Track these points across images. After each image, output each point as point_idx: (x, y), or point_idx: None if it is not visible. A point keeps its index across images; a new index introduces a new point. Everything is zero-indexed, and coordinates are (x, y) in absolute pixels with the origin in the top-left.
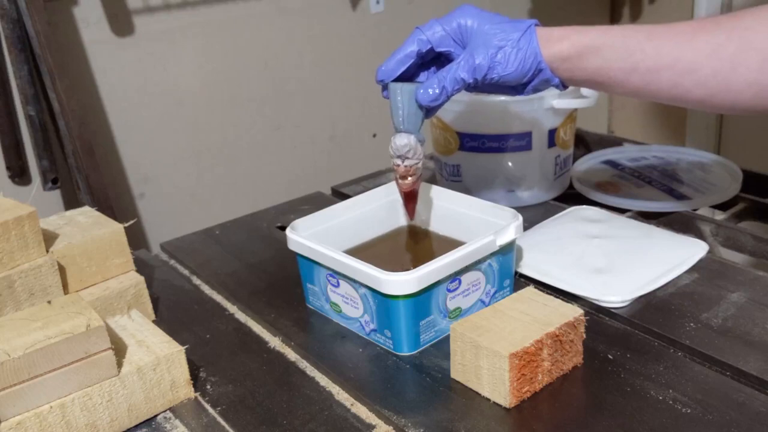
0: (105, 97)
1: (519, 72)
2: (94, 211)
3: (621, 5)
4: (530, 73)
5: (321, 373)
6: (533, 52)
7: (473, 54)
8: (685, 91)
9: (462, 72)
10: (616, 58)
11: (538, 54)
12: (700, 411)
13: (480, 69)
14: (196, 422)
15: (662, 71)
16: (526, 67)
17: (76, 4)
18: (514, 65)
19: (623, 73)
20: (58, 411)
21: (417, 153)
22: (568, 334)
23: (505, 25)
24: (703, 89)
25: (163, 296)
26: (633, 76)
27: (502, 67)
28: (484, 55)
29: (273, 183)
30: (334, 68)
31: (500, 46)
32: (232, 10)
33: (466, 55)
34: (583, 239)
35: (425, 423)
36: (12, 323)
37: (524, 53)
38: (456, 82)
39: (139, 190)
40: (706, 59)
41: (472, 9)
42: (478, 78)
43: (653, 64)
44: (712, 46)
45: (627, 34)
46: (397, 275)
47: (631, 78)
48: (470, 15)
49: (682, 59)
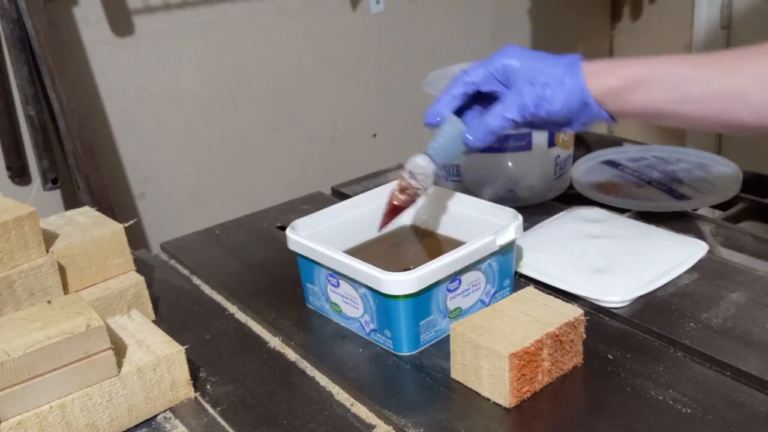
0: (105, 97)
1: (566, 108)
2: (94, 211)
3: (621, 5)
4: (577, 109)
5: (321, 373)
6: (579, 88)
7: (520, 93)
8: (738, 119)
9: (509, 112)
10: (665, 90)
11: (584, 89)
12: (700, 411)
13: (527, 107)
14: (196, 422)
15: (713, 100)
16: (573, 102)
17: (76, 4)
18: (560, 102)
19: (674, 105)
20: (58, 411)
21: (426, 181)
22: (568, 334)
23: (550, 62)
24: (755, 116)
25: (163, 296)
26: (685, 106)
27: (548, 104)
28: (530, 93)
29: (273, 183)
30: (334, 68)
31: (545, 83)
32: (232, 10)
33: (512, 95)
34: (583, 239)
35: (425, 423)
36: (12, 323)
37: (570, 89)
38: (504, 121)
39: (139, 190)
40: (754, 87)
41: (516, 49)
42: (525, 116)
43: (703, 93)
44: (760, 73)
45: (672, 64)
46: (397, 275)
47: (683, 109)
48: (514, 55)
49: (731, 87)
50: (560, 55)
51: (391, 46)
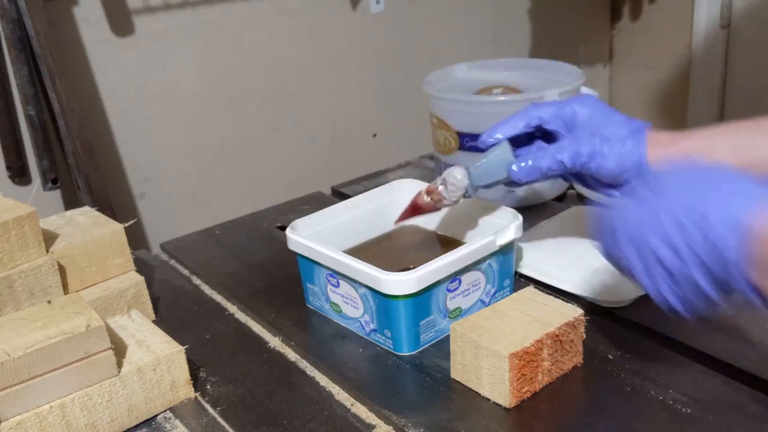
0: (105, 97)
1: (618, 168)
2: (94, 211)
3: (621, 5)
4: (629, 173)
5: (321, 373)
6: (638, 153)
7: (579, 140)
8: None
9: (562, 155)
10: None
11: (642, 156)
12: (700, 411)
13: (580, 156)
14: (196, 422)
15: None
16: (627, 165)
17: (76, 4)
18: (614, 161)
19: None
20: (58, 411)
21: (454, 193)
22: (568, 334)
23: (618, 119)
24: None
25: (163, 296)
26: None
27: (602, 159)
28: (589, 143)
29: (273, 183)
30: (334, 68)
31: (607, 138)
32: (232, 10)
33: (571, 140)
34: (583, 239)
35: (425, 423)
36: (12, 323)
37: (628, 151)
38: (554, 163)
39: (139, 190)
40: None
41: (594, 101)
42: (576, 164)
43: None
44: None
45: (734, 131)
46: (397, 275)
47: None
48: (588, 105)
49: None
50: (631, 119)
51: (391, 46)
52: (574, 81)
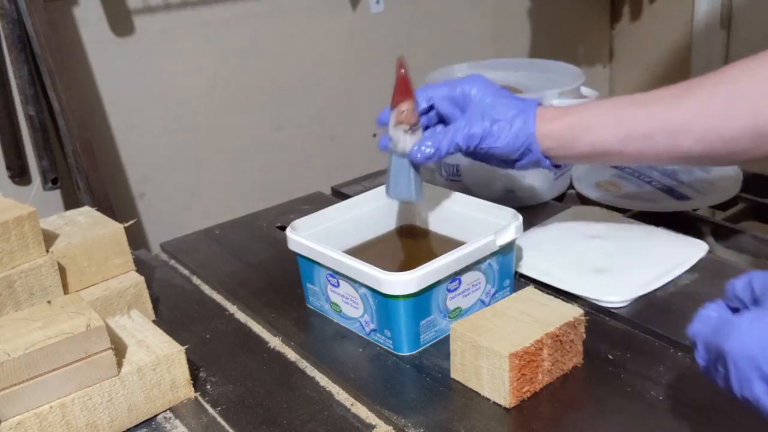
0: (105, 97)
1: (509, 147)
2: (94, 211)
3: (621, 5)
4: (520, 151)
5: (321, 373)
6: (527, 132)
7: (471, 122)
8: (686, 151)
9: (457, 137)
10: (609, 131)
11: (531, 135)
12: (700, 411)
13: (474, 137)
14: (196, 422)
15: (657, 135)
16: (517, 144)
17: (76, 4)
18: (505, 140)
19: (618, 144)
20: (58, 411)
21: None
22: (568, 334)
23: (507, 101)
24: (701, 145)
25: (163, 296)
26: (628, 145)
27: (492, 140)
28: (480, 125)
29: (273, 183)
30: (334, 68)
31: (496, 119)
32: (232, 10)
33: (463, 122)
34: (583, 239)
35: (425, 423)
36: (12, 323)
37: (517, 130)
38: (451, 145)
39: (139, 190)
40: (697, 117)
41: (481, 80)
42: (470, 146)
43: (646, 130)
44: (701, 102)
45: (618, 105)
46: (397, 275)
47: (627, 147)
48: (477, 85)
49: (674, 121)
50: (520, 98)
51: (391, 46)
52: (573, 81)
